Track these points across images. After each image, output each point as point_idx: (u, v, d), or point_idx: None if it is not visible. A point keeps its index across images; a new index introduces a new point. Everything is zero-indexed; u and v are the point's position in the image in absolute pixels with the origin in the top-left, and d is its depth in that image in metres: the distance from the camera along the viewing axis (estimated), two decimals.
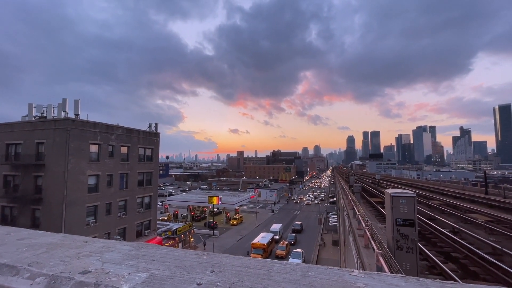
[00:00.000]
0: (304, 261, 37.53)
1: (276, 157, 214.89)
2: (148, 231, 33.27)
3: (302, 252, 39.24)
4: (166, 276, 0.94)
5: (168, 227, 41.79)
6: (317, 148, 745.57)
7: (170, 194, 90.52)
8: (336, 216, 60.30)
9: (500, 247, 11.36)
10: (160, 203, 78.60)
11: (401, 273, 6.12)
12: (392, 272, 6.47)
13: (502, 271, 8.90)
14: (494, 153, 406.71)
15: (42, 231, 1.62)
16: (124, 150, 30.49)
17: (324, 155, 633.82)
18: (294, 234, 50.69)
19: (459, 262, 10.43)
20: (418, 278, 1.02)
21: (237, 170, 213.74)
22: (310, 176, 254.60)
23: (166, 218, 60.85)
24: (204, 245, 44.97)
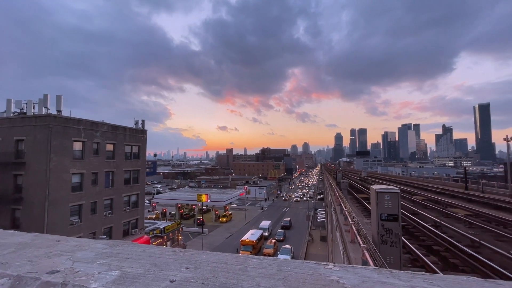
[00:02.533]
0: (292, 257, 38.00)
1: (265, 155, 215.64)
2: (135, 230, 32.70)
3: (291, 248, 39.68)
4: (139, 274, 0.90)
5: (156, 225, 41.21)
6: (305, 146, 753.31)
7: (158, 192, 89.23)
8: (324, 212, 61.27)
9: (478, 240, 11.88)
10: (147, 202, 77.37)
11: (385, 267, 6.28)
12: (377, 266, 6.64)
13: (480, 262, 9.31)
14: (474, 150, 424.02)
15: (12, 231, 1.54)
16: (109, 147, 29.71)
17: (313, 152, 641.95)
18: (283, 231, 51.15)
19: (440, 255, 10.83)
20: (390, 270, 1.04)
21: (226, 168, 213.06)
22: (299, 173, 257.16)
23: (154, 217, 59.93)
24: (185, 247, 44.18)
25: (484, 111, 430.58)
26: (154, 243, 37.48)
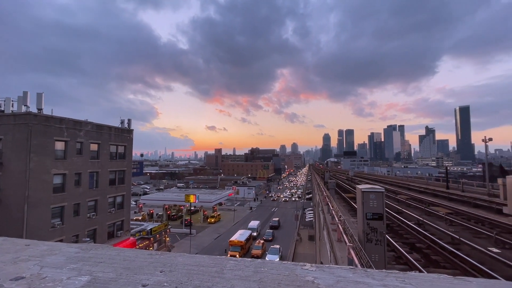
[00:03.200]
0: (281, 257, 38.22)
1: (254, 155, 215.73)
2: (121, 232, 31.90)
3: (279, 248, 39.87)
4: (110, 278, 0.86)
5: (142, 227, 40.38)
6: (294, 146, 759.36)
7: (145, 193, 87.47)
8: (312, 212, 61.97)
9: (458, 237, 12.33)
10: (134, 203, 75.74)
11: (370, 265, 6.41)
12: (362, 264, 6.75)
13: (459, 258, 9.66)
14: (455, 151, 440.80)
15: None
16: (94, 147, 28.84)
17: (301, 152, 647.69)
18: (271, 231, 51.34)
19: (423, 252, 11.17)
20: (366, 269, 1.05)
21: (215, 168, 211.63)
22: (287, 173, 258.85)
23: (140, 218, 58.73)
24: (170, 250, 43.49)
25: (464, 113, 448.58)
26: (140, 245, 36.71)
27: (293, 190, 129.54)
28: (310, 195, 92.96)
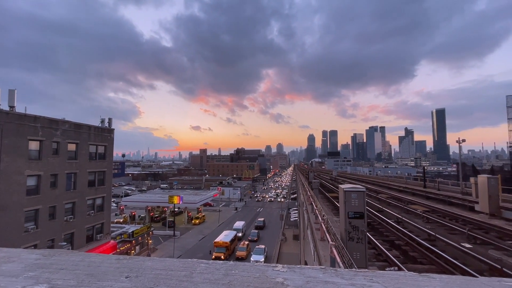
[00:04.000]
0: (266, 257, 38.35)
1: (240, 155, 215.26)
2: (101, 235, 30.74)
3: (264, 248, 39.99)
4: (71, 286, 0.80)
5: (123, 229, 39.15)
6: (279, 146, 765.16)
7: (127, 195, 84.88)
8: (297, 211, 62.65)
9: (434, 234, 12.87)
10: (115, 205, 73.35)
11: (352, 263, 6.54)
12: (344, 262, 6.88)
13: (435, 254, 10.09)
14: (431, 151, 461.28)
15: None
16: (72, 147, 27.62)
17: (287, 153, 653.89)
18: (256, 231, 51.41)
19: (402, 249, 11.57)
20: (336, 269, 1.07)
21: (199, 169, 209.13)
22: (273, 173, 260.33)
23: (121, 221, 56.93)
24: (150, 255, 42.11)
25: (440, 115, 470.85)
26: (121, 248, 35.58)
27: (278, 191, 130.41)
28: (295, 195, 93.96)
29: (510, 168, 38.97)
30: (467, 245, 11.36)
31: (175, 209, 57.76)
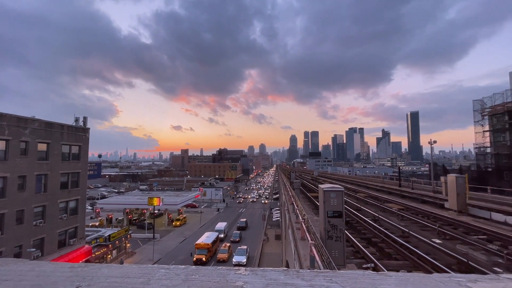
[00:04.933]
0: (248, 257, 38.31)
1: (222, 156, 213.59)
2: (74, 239, 29.22)
3: (247, 248, 39.94)
4: None
5: (99, 233, 37.48)
6: (262, 147, 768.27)
7: (103, 197, 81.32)
8: (279, 211, 63.17)
9: (407, 231, 13.49)
10: (90, 207, 70.14)
11: (330, 261, 6.69)
12: (323, 260, 7.03)
13: (409, 250, 10.58)
14: (406, 152, 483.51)
15: None
16: (42, 147, 26.03)
17: (269, 153, 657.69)
18: (239, 232, 51.19)
19: (378, 246, 12.03)
20: (298, 270, 1.10)
21: (181, 169, 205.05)
22: (255, 173, 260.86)
23: (97, 224, 54.53)
24: (122, 261, 40.03)
25: (414, 118, 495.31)
26: (97, 253, 34.06)
27: (260, 191, 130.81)
28: (277, 195, 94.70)
29: (476, 168, 41.75)
30: (437, 241, 12.02)
31: (155, 211, 56.19)
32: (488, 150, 39.00)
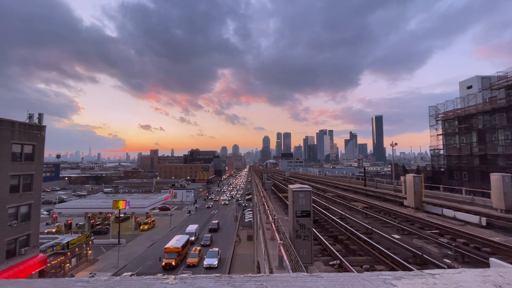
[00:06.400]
0: (219, 259, 37.82)
1: (194, 156, 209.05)
2: (26, 248, 26.50)
3: (218, 250, 39.41)
4: None
5: (56, 240, 34.50)
6: (235, 147, 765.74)
7: (62, 201, 75.12)
8: (251, 212, 63.32)
9: (370, 228, 14.26)
10: (46, 213, 64.43)
11: (298, 260, 6.81)
12: (291, 260, 7.14)
13: (371, 246, 11.18)
14: (371, 153, 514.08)
15: None
16: None
17: (242, 154, 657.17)
18: (210, 235, 50.21)
19: (344, 243, 12.55)
20: (231, 276, 1.08)
21: (150, 170, 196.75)
22: (228, 174, 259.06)
23: (54, 230, 50.16)
24: (72, 276, 36.87)
25: (378, 121, 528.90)
26: (53, 262, 31.33)
27: (233, 192, 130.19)
28: (250, 196, 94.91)
29: (431, 168, 45.64)
30: (396, 236, 12.88)
31: (121, 215, 53.13)
32: (441, 152, 42.87)
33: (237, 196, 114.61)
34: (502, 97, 33.75)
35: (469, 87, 48.27)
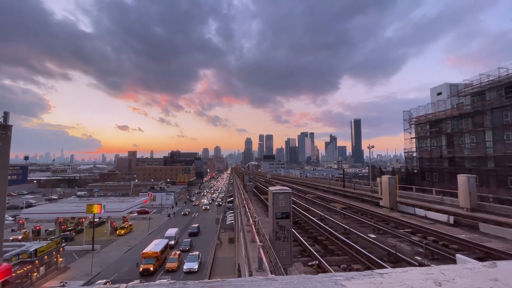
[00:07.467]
0: (200, 263, 37.14)
1: (175, 158, 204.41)
2: None
3: (199, 254, 38.71)
4: None
5: (22, 248, 32.20)
6: (217, 149, 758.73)
7: (29, 206, 70.31)
8: (233, 214, 62.90)
9: (348, 228, 14.66)
10: (11, 218, 60.12)
11: (277, 262, 6.83)
12: (270, 261, 7.16)
13: (349, 246, 11.48)
14: (350, 155, 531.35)
15: None
16: None
17: (224, 156, 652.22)
18: (189, 240, 49.04)
19: (323, 243, 12.79)
20: (185, 282, 1.08)
21: (127, 173, 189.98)
22: (209, 176, 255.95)
23: (21, 237, 46.86)
24: (48, 279, 33.12)
25: (357, 125, 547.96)
26: (18, 272, 29.23)
27: (214, 195, 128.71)
28: (231, 198, 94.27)
29: (405, 169, 47.91)
30: (372, 236, 13.33)
31: (96, 220, 50.69)
32: (414, 154, 45.14)
33: (218, 199, 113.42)
34: (468, 104, 36.23)
35: (439, 94, 51.39)
